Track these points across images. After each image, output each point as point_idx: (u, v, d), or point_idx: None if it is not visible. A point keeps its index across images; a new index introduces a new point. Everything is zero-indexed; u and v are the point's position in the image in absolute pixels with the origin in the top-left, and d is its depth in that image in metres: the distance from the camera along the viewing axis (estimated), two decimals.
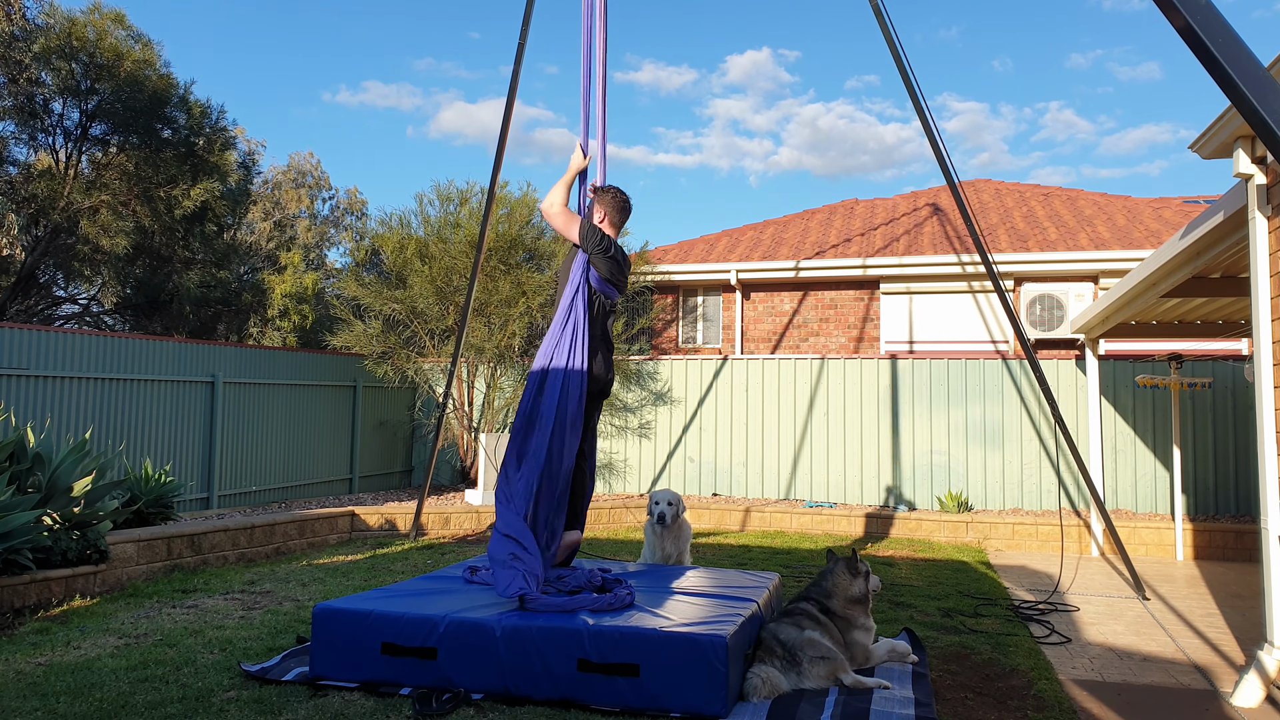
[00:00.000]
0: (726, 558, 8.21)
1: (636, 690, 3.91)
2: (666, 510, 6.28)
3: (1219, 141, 4.75)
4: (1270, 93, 2.85)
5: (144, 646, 4.88)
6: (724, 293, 14.05)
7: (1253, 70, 2.91)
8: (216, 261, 18.15)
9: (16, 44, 14.86)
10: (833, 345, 13.48)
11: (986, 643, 5.30)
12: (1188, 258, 5.73)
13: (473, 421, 11.95)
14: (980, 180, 16.92)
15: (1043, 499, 10.31)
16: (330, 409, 11.20)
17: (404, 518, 9.57)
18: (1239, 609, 6.47)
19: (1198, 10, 3.00)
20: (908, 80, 6.91)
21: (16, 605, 5.67)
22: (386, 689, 4.14)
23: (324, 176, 32.05)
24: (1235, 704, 4.29)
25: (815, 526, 10.09)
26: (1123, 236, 12.65)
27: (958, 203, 7.10)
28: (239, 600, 6.18)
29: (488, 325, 11.31)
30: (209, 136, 17.12)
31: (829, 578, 4.76)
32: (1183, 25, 3.04)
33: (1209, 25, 2.98)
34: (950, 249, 13.01)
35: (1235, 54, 2.93)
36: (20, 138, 15.91)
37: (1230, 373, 9.88)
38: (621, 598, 4.47)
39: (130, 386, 8.57)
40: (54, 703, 3.92)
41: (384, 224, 12.25)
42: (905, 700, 4.11)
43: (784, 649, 4.32)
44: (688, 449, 11.65)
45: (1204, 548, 8.88)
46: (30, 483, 6.22)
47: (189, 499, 9.10)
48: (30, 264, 15.99)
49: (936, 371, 10.83)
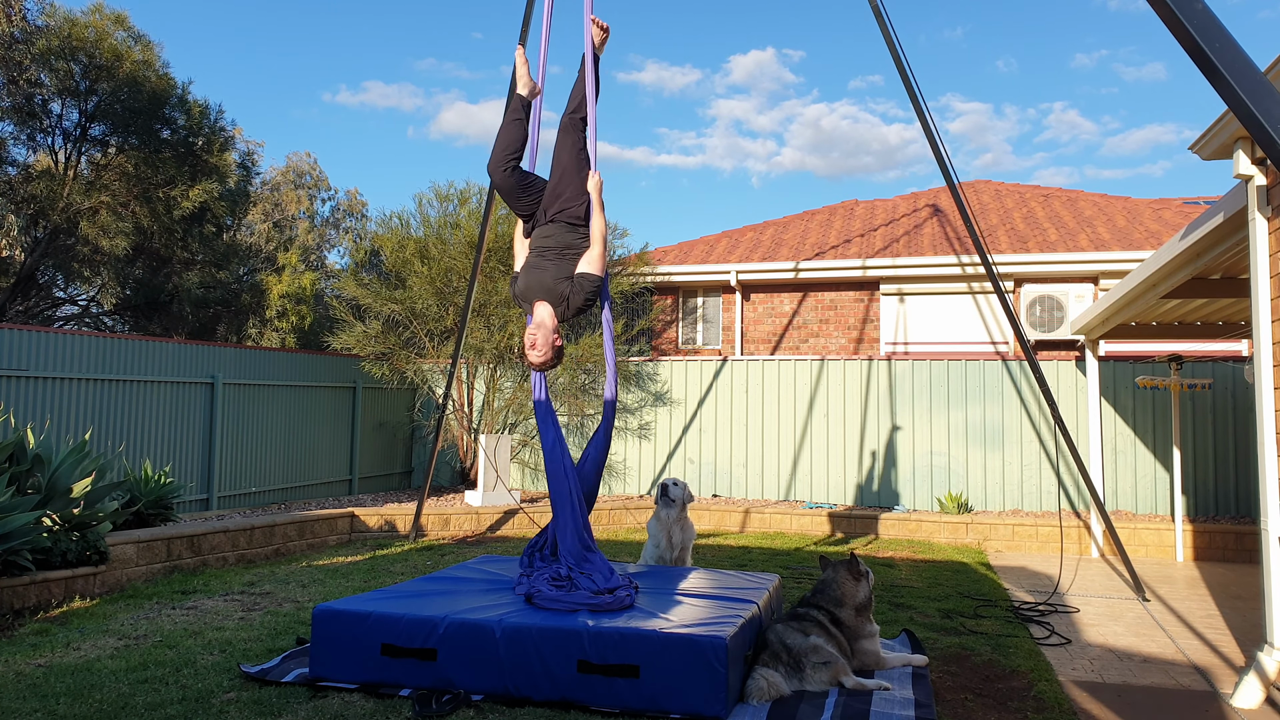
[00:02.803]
0: (726, 559, 8.21)
1: (636, 691, 3.91)
2: (673, 489, 6.43)
3: (1219, 143, 4.76)
4: (1267, 97, 2.86)
5: (144, 648, 4.88)
6: (724, 294, 14.06)
7: (1250, 75, 2.91)
8: (216, 262, 18.16)
9: (16, 45, 14.86)
10: (833, 346, 13.48)
11: (986, 644, 5.30)
12: (1188, 259, 5.73)
13: (472, 423, 11.95)
14: (980, 181, 16.93)
15: (1043, 500, 10.32)
16: (330, 410, 11.20)
17: (404, 519, 9.57)
18: (1239, 610, 6.47)
19: (1194, 15, 3.01)
20: (906, 79, 6.91)
21: (16, 606, 5.67)
22: (386, 690, 4.15)
23: (323, 177, 32.06)
24: (1235, 705, 4.29)
25: (815, 527, 10.09)
26: (1123, 237, 12.65)
27: (957, 203, 7.11)
28: (239, 601, 6.18)
29: (487, 326, 11.32)
30: (208, 137, 17.13)
31: (835, 585, 4.74)
32: (1179, 30, 3.04)
33: (1206, 30, 2.98)
34: (950, 250, 13.01)
35: (1232, 59, 2.94)
36: (19, 138, 15.93)
37: (1230, 374, 9.88)
38: (621, 599, 4.48)
39: (130, 387, 8.57)
40: (53, 704, 3.92)
41: (383, 225, 12.26)
42: (905, 701, 4.12)
43: (789, 654, 4.32)
44: (687, 450, 11.66)
45: (1204, 549, 8.88)
46: (30, 484, 6.22)
47: (189, 500, 9.10)
48: (30, 265, 16.00)
49: (936, 372, 10.84)
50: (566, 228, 5.09)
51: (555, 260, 5.02)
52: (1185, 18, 3.00)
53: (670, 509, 6.45)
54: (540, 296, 4.99)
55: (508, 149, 5.16)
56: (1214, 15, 2.98)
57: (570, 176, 5.17)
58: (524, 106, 5.28)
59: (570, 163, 5.20)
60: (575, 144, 5.26)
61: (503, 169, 5.13)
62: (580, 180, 5.17)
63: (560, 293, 4.95)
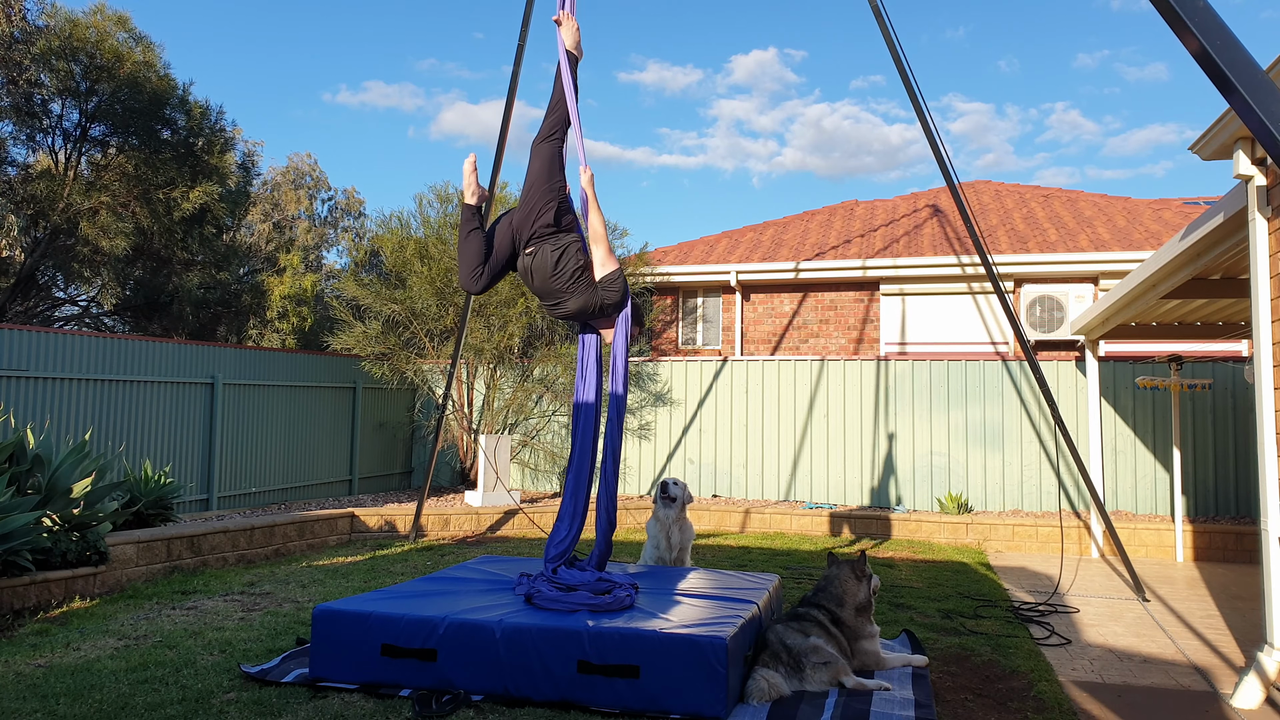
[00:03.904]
0: (726, 559, 8.21)
1: (636, 692, 3.91)
2: (673, 489, 6.42)
3: (1219, 143, 4.75)
4: (1269, 96, 2.86)
5: (144, 648, 4.88)
6: (724, 294, 14.05)
7: (1251, 73, 2.91)
8: (216, 263, 18.16)
9: (16, 45, 14.86)
10: (833, 346, 13.48)
11: (986, 644, 5.30)
12: (1188, 259, 5.73)
13: (472, 423, 11.95)
14: (980, 182, 16.94)
15: (1043, 500, 10.31)
16: (330, 410, 11.20)
17: (404, 519, 9.57)
18: (1239, 610, 6.47)
19: (1196, 13, 3.01)
20: (906, 79, 6.91)
21: (16, 607, 5.66)
22: (386, 690, 4.14)
23: (322, 177, 32.07)
24: (1235, 705, 4.29)
25: (815, 528, 10.09)
26: (1122, 238, 12.65)
27: (957, 204, 7.11)
28: (239, 602, 6.17)
29: (487, 326, 11.32)
30: (208, 138, 17.13)
31: (836, 583, 4.74)
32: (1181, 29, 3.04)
33: (1207, 27, 2.98)
34: (950, 250, 13.01)
35: (1233, 57, 2.94)
36: (19, 138, 15.92)
37: (1230, 374, 9.88)
38: (621, 599, 4.48)
39: (130, 388, 8.56)
40: (54, 704, 3.92)
41: (383, 225, 12.26)
42: (905, 701, 4.12)
43: (789, 654, 4.32)
44: (687, 450, 11.65)
45: (1204, 549, 8.88)
46: (30, 484, 6.22)
47: (189, 500, 9.10)
48: (30, 265, 16.00)
49: (936, 373, 10.83)
50: (550, 243, 4.91)
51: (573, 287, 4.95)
52: (1187, 16, 3.00)
53: (670, 509, 6.46)
54: (587, 317, 5.10)
55: (471, 262, 5.00)
56: (1216, 14, 2.98)
57: (540, 184, 4.98)
58: (475, 214, 5.11)
59: (541, 170, 5.01)
60: (547, 154, 5.05)
61: (475, 279, 5.01)
62: (550, 185, 4.97)
63: (599, 301, 4.99)
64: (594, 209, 4.99)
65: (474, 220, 5.08)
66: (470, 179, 5.13)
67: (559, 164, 5.09)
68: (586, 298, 4.94)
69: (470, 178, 5.14)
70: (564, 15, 5.33)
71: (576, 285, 4.92)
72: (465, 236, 5.03)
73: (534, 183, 4.99)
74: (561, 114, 5.14)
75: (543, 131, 5.13)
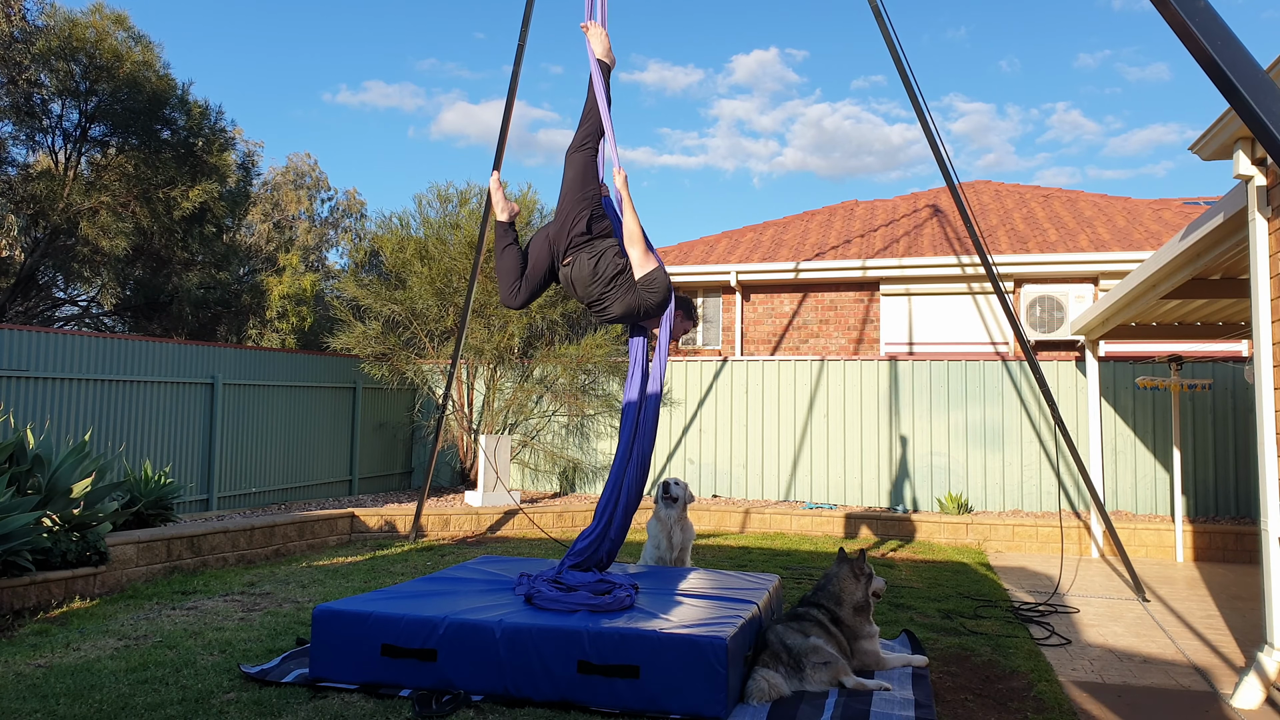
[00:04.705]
0: (726, 559, 8.21)
1: (636, 692, 3.91)
2: (675, 488, 6.41)
3: (1219, 143, 4.75)
4: (1269, 95, 2.86)
5: (144, 648, 4.88)
6: (724, 294, 14.05)
7: (1251, 73, 2.91)
8: (216, 263, 18.17)
9: (16, 45, 14.86)
10: (833, 347, 13.48)
11: (986, 644, 5.30)
12: (1188, 259, 5.73)
13: (472, 423, 11.95)
14: (980, 182, 16.93)
15: (1043, 500, 10.31)
16: (330, 410, 11.20)
17: (404, 519, 9.57)
18: (1239, 610, 6.47)
19: (1196, 12, 3.00)
20: (905, 78, 6.91)
21: (16, 607, 5.66)
22: (386, 690, 4.14)
23: (322, 177, 32.06)
24: (1235, 705, 4.29)
25: (815, 528, 10.09)
26: (1123, 238, 12.65)
27: (957, 204, 7.11)
28: (239, 602, 6.17)
29: (487, 326, 11.32)
30: (208, 137, 17.13)
31: (835, 582, 4.74)
32: (1181, 28, 3.04)
33: (1207, 27, 2.98)
34: (950, 250, 13.01)
35: (1234, 56, 2.93)
36: (19, 138, 15.92)
37: (1230, 374, 9.88)
38: (621, 599, 4.48)
39: (130, 388, 8.56)
40: (53, 704, 3.92)
41: (383, 225, 12.27)
42: (905, 702, 4.12)
43: (789, 655, 4.32)
44: (687, 450, 11.65)
45: (1204, 549, 8.88)
46: (30, 484, 6.22)
47: (189, 500, 9.10)
48: (30, 265, 16.00)
49: (936, 373, 10.83)
50: (585, 251, 4.93)
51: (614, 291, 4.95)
52: (1187, 16, 3.00)
53: (671, 509, 6.46)
54: (635, 318, 5.06)
55: (509, 277, 5.04)
56: (1216, 14, 2.98)
57: (573, 193, 4.99)
58: (508, 230, 5.13)
59: (575, 180, 5.02)
60: (580, 163, 5.06)
61: (514, 294, 5.06)
62: (584, 193, 4.98)
63: (642, 302, 4.95)
64: (629, 210, 4.92)
65: (507, 236, 5.11)
66: (498, 196, 5.17)
67: (592, 172, 5.09)
68: (629, 300, 4.92)
69: (498, 194, 5.17)
70: (592, 24, 5.33)
71: (617, 289, 4.91)
72: (501, 252, 5.07)
73: (567, 192, 5.02)
74: (594, 123, 5.12)
75: (575, 141, 5.13)
